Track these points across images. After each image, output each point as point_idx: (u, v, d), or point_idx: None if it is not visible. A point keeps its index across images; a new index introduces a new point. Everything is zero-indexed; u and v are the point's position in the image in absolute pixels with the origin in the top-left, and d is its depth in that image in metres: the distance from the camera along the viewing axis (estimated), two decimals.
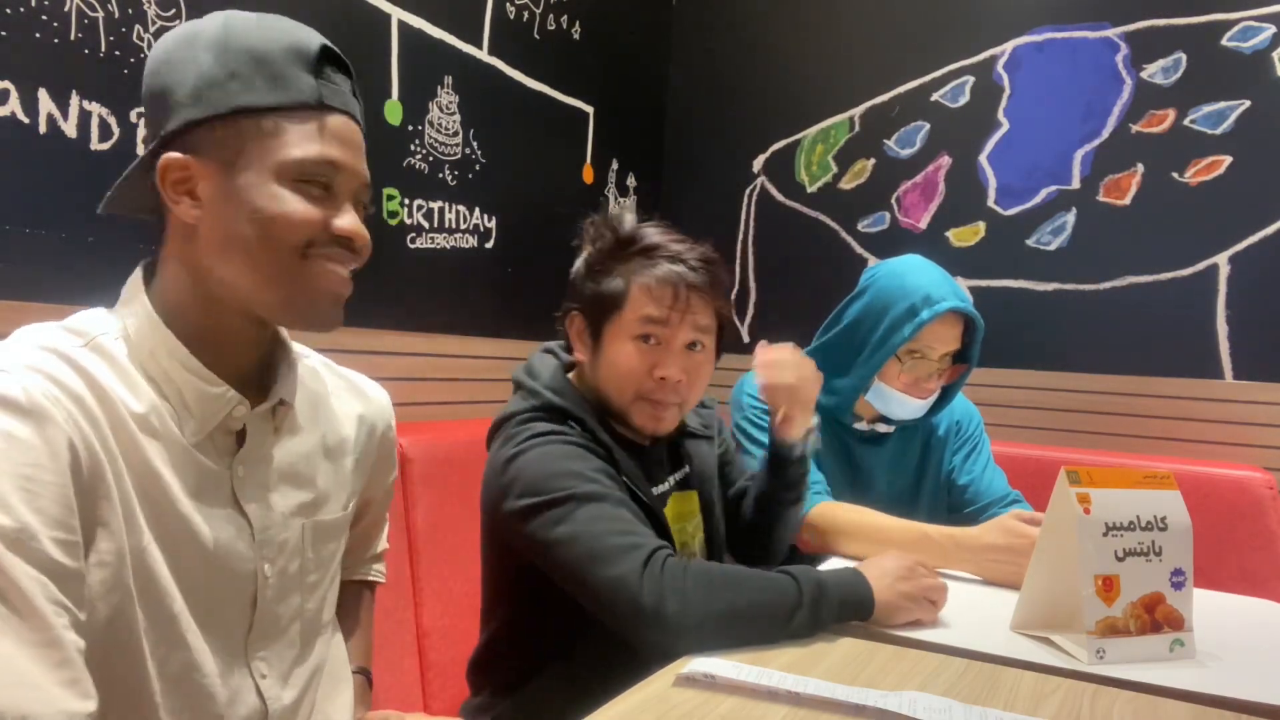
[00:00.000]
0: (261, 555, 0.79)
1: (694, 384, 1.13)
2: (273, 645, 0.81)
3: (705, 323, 1.12)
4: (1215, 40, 2.11)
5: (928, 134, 2.44)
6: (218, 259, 0.74)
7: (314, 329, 0.79)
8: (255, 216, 0.72)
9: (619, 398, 1.12)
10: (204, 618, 0.75)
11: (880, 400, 1.52)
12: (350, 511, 0.92)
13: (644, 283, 1.10)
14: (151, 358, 0.74)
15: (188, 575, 0.73)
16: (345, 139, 0.76)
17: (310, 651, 0.87)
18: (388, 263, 1.81)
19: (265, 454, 0.81)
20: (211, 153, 0.73)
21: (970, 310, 1.47)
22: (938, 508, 1.62)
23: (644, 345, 1.10)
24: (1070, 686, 0.85)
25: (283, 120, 0.73)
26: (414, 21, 1.83)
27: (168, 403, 0.74)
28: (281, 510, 0.81)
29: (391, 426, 1.01)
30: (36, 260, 1.24)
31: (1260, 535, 1.82)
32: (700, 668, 0.81)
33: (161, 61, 0.74)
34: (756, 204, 2.70)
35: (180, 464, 0.74)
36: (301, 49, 0.75)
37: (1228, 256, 2.10)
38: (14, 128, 1.21)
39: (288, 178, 0.73)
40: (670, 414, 1.13)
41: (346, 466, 0.91)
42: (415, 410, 1.84)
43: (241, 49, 0.73)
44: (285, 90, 0.73)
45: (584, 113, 2.42)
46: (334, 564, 0.90)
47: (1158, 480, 1.01)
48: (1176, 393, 2.14)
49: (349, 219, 0.76)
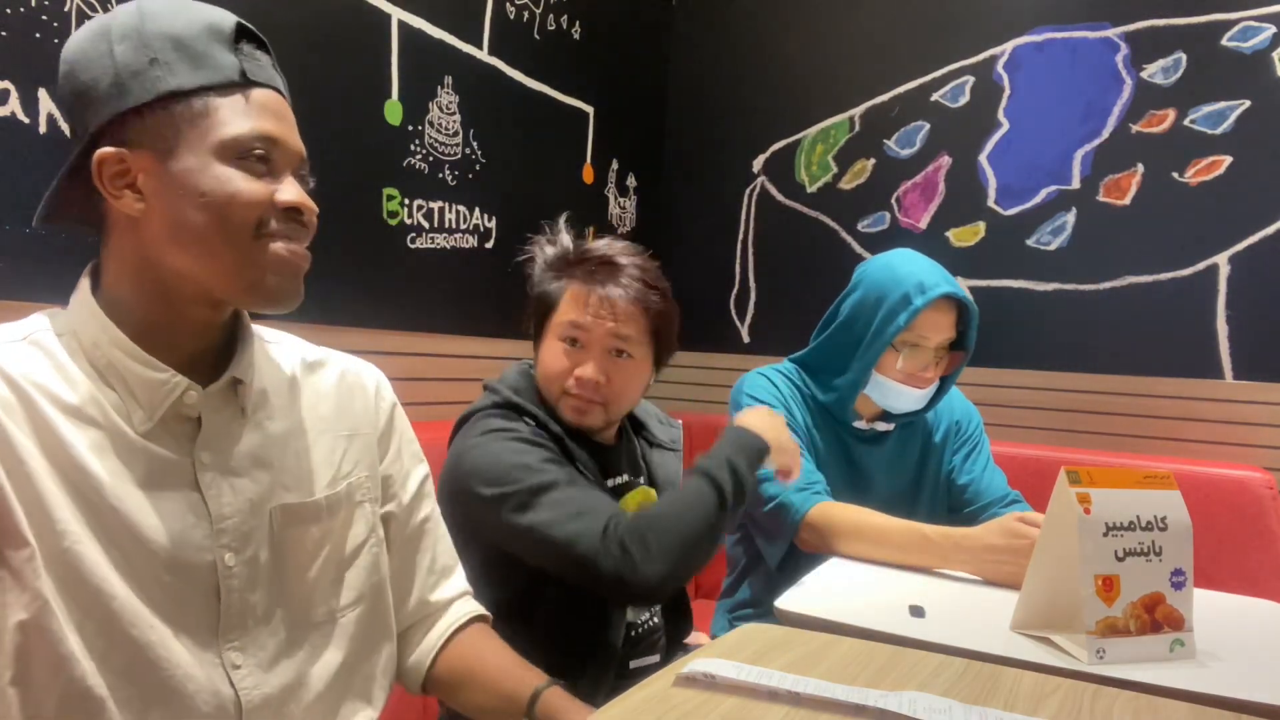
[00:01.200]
0: (221, 544, 0.77)
1: (617, 386, 1.21)
2: (250, 634, 0.79)
3: (629, 333, 1.20)
4: (1215, 40, 2.11)
5: (928, 134, 2.45)
6: (169, 249, 0.73)
7: (278, 309, 0.78)
8: (204, 201, 0.72)
9: (548, 393, 1.23)
10: (163, 608, 0.73)
11: (879, 392, 1.53)
12: (343, 492, 0.87)
13: (573, 289, 1.21)
14: (95, 349, 0.74)
15: (134, 568, 0.72)
16: (276, 112, 0.77)
17: (305, 642, 0.83)
18: (388, 263, 1.81)
19: (232, 438, 0.80)
20: (145, 142, 0.72)
21: (963, 296, 1.47)
22: (937, 508, 1.62)
23: (568, 347, 1.21)
24: (1070, 686, 0.85)
25: (212, 99, 0.73)
26: (414, 21, 1.83)
27: (114, 393, 0.74)
28: (249, 496, 0.79)
29: (384, 403, 0.96)
30: (37, 260, 1.24)
31: (1260, 535, 1.82)
32: (700, 667, 0.81)
33: (75, 60, 0.74)
34: (756, 204, 2.70)
35: (125, 455, 0.73)
36: (218, 27, 0.75)
37: (1228, 256, 2.10)
38: (14, 128, 1.21)
39: (228, 156, 0.73)
40: (593, 412, 1.21)
41: (323, 446, 0.87)
42: (415, 410, 1.83)
43: (159, 34, 0.72)
44: (209, 69, 0.73)
45: (584, 113, 2.42)
46: (325, 550, 0.85)
47: (1158, 480, 1.01)
48: (1176, 393, 2.14)
49: (293, 191, 0.76)
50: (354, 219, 1.73)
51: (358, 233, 1.74)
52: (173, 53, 0.72)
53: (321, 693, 0.84)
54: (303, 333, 0.95)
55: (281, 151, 0.76)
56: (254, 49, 0.77)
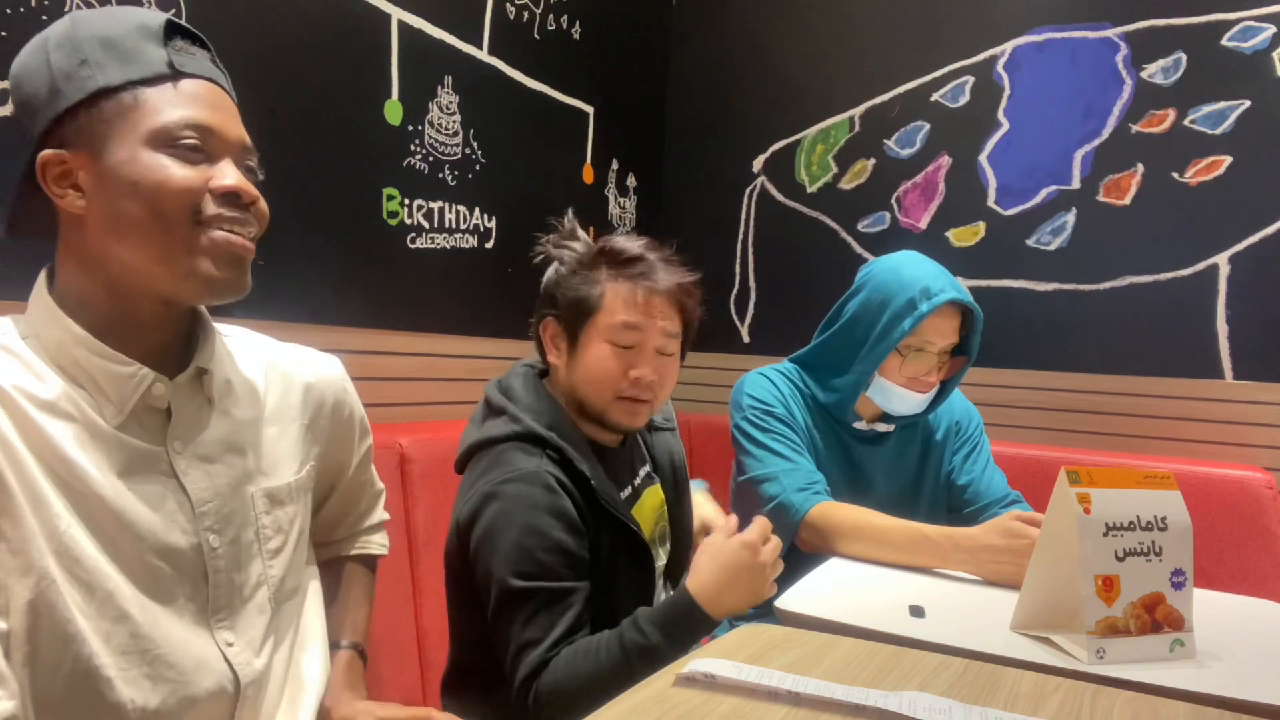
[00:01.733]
0: (204, 527, 0.79)
1: (665, 384, 1.20)
2: (238, 613, 0.82)
3: (674, 329, 1.19)
4: (1215, 40, 2.11)
5: (928, 134, 2.45)
6: (111, 243, 0.75)
7: (220, 298, 0.79)
8: (136, 190, 0.73)
9: (597, 398, 1.17)
10: (154, 591, 0.75)
11: (881, 396, 1.52)
12: (306, 475, 0.93)
13: (619, 290, 1.17)
14: (60, 349, 0.75)
15: (123, 553, 0.74)
16: (209, 101, 0.77)
17: (283, 617, 0.88)
18: (388, 263, 1.81)
19: (200, 426, 0.82)
20: (81, 141, 0.74)
21: (969, 301, 1.47)
22: (937, 508, 1.62)
23: (619, 349, 1.16)
24: (1070, 686, 0.85)
25: (140, 92, 0.74)
26: (414, 21, 1.83)
27: (83, 390, 0.75)
28: (226, 480, 0.82)
29: (346, 394, 1.01)
30: (36, 261, 1.23)
31: (1260, 535, 1.82)
32: (700, 667, 0.81)
33: (18, 73, 0.77)
34: (756, 204, 2.70)
35: (103, 447, 0.74)
36: (147, 26, 0.76)
37: (1228, 256, 2.10)
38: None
39: (158, 145, 0.74)
40: (645, 411, 1.19)
41: (293, 433, 0.92)
42: (415, 410, 1.84)
43: (88, 37, 0.74)
44: (137, 64, 0.75)
45: (584, 113, 2.42)
46: (295, 529, 0.90)
47: (1158, 480, 1.01)
48: (1176, 393, 2.14)
49: (231, 176, 0.76)
50: (354, 219, 1.73)
51: (358, 233, 1.74)
52: (101, 52, 0.74)
53: (295, 656, 0.89)
54: (303, 333, 0.96)
55: (218, 139, 0.77)
56: (188, 44, 0.79)
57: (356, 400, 1.04)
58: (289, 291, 1.60)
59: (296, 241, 1.61)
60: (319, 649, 0.93)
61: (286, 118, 1.60)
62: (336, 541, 1.10)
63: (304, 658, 0.91)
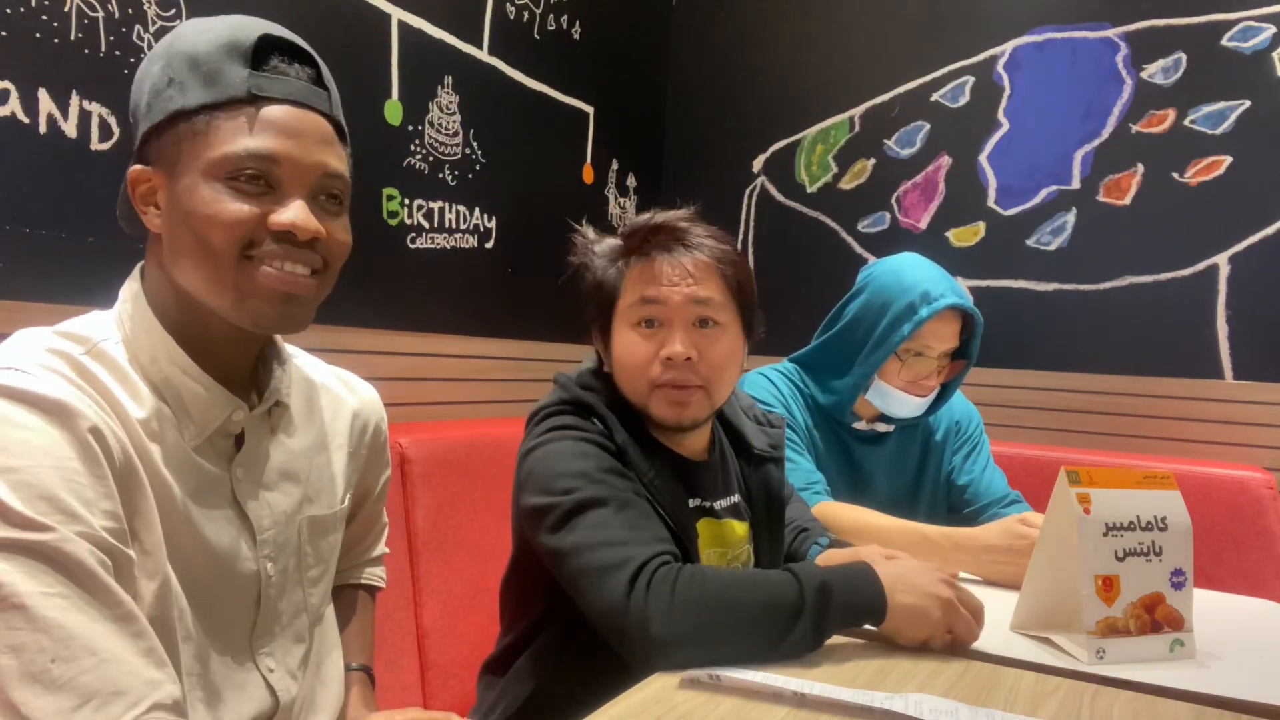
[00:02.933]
0: (263, 555, 0.80)
1: (709, 360, 1.03)
2: (277, 640, 0.82)
3: (709, 295, 1.03)
4: (1215, 40, 2.11)
5: (928, 134, 2.44)
6: (174, 266, 0.74)
7: (273, 331, 0.78)
8: (190, 221, 0.72)
9: (636, 394, 1.05)
10: (205, 616, 0.75)
11: (880, 398, 1.52)
12: (346, 505, 0.93)
13: (635, 266, 1.05)
14: (152, 362, 0.74)
15: (191, 575, 0.74)
16: (287, 128, 0.73)
17: (313, 639, 0.88)
18: (388, 263, 1.81)
19: (263, 454, 0.81)
20: (161, 161, 0.73)
21: (969, 306, 1.47)
22: (937, 508, 1.62)
23: (646, 330, 1.03)
24: (1070, 686, 0.85)
25: (215, 118, 0.72)
26: (414, 21, 1.83)
27: (168, 407, 0.74)
28: (283, 509, 0.82)
29: (383, 423, 1.01)
30: (36, 260, 1.24)
31: (1260, 535, 1.82)
32: (704, 669, 0.81)
33: (136, 81, 0.76)
34: (756, 204, 2.70)
35: (181, 467, 0.74)
36: (236, 43, 0.73)
37: (1228, 256, 2.10)
38: (14, 128, 1.21)
39: (218, 176, 0.71)
40: (696, 399, 1.03)
41: (340, 460, 0.92)
42: (415, 410, 1.84)
43: (180, 53, 0.73)
44: (215, 88, 0.72)
45: (584, 113, 2.42)
46: (332, 557, 0.91)
47: (1158, 480, 1.01)
48: (1176, 393, 2.14)
49: (291, 212, 0.73)
50: (354, 219, 1.72)
51: (358, 233, 1.71)
52: (187, 72, 0.72)
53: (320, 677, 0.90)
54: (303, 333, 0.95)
55: (287, 169, 0.73)
56: (285, 61, 0.75)
57: (386, 432, 1.02)
58: None
59: None
60: (336, 669, 0.93)
61: None
62: (340, 571, 1.06)
63: (324, 678, 0.91)
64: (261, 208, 0.72)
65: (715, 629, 0.85)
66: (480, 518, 1.58)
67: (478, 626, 1.25)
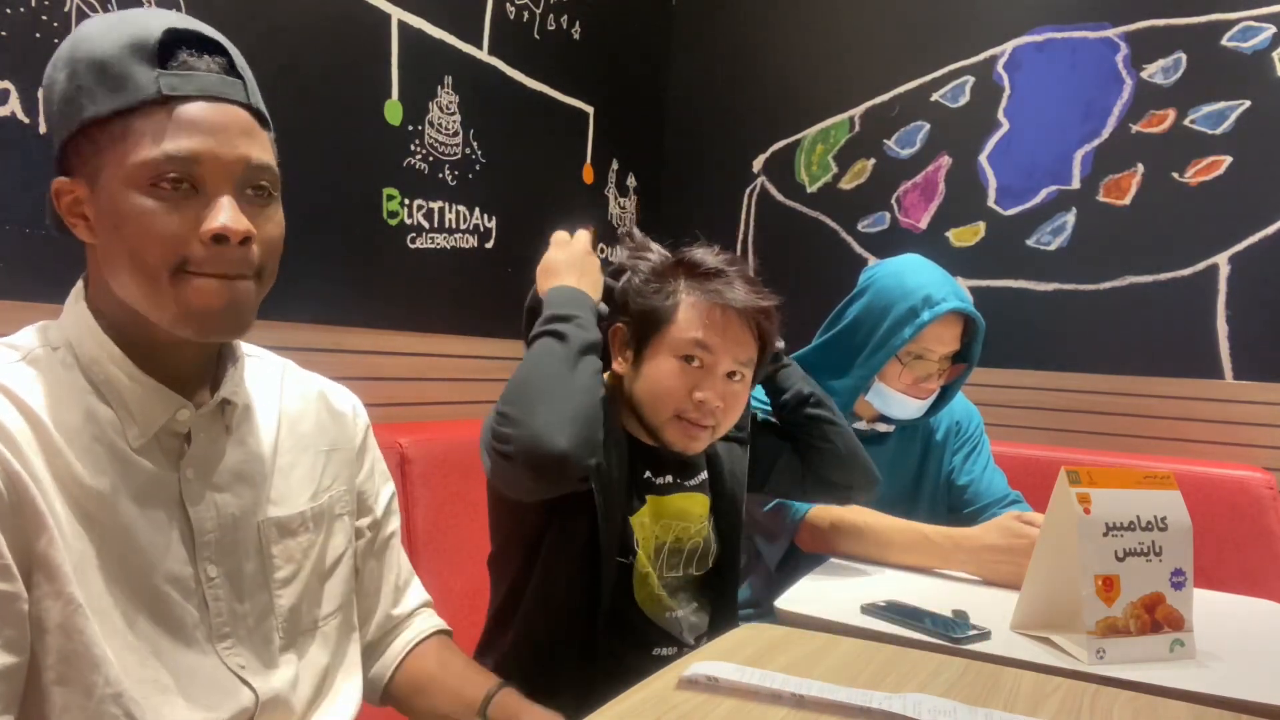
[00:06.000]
0: (204, 557, 0.78)
1: (730, 411, 1.14)
2: (244, 642, 0.80)
3: (747, 356, 1.14)
4: (1215, 40, 2.11)
5: (928, 134, 2.44)
6: (112, 279, 0.72)
7: (218, 339, 0.77)
8: (120, 233, 0.69)
9: (655, 414, 1.13)
10: (163, 617, 0.75)
11: (880, 400, 1.52)
12: (324, 504, 0.89)
13: (697, 304, 1.12)
14: (94, 364, 0.74)
15: (132, 579, 0.73)
16: (204, 125, 0.70)
17: (302, 646, 0.85)
18: (388, 263, 1.81)
19: (216, 454, 0.80)
20: (81, 171, 0.71)
21: (971, 310, 1.47)
22: (937, 508, 1.62)
23: (687, 365, 1.11)
24: (1070, 686, 0.85)
25: (129, 123, 0.69)
26: (414, 21, 1.83)
27: (108, 409, 0.73)
28: (232, 511, 0.80)
29: (363, 418, 0.98)
30: (37, 260, 1.24)
31: (1260, 535, 1.82)
32: (703, 670, 0.81)
33: (44, 86, 0.73)
34: (756, 204, 2.70)
35: (121, 469, 0.73)
36: (141, 41, 0.69)
37: (1228, 256, 2.10)
38: (14, 128, 1.21)
39: (141, 185, 0.68)
40: (704, 436, 1.13)
41: (309, 461, 0.89)
42: (415, 410, 1.84)
43: (84, 58, 0.70)
44: (124, 93, 0.68)
45: (584, 113, 2.42)
46: (310, 559, 0.87)
47: (1158, 480, 1.01)
48: (1176, 393, 2.14)
49: (222, 215, 0.70)
50: (354, 219, 1.73)
51: (358, 233, 1.74)
52: (94, 78, 0.69)
53: (317, 685, 0.87)
54: (304, 333, 0.95)
55: (209, 167, 0.70)
56: (194, 55, 0.71)
57: (372, 435, 0.99)
58: (289, 292, 1.59)
59: (296, 242, 1.59)
60: (353, 693, 0.90)
61: (286, 118, 1.59)
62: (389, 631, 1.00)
63: (343, 684, 0.89)
64: (191, 213, 0.70)
65: (545, 397, 0.99)
66: (480, 518, 1.57)
67: (478, 626, 1.25)
